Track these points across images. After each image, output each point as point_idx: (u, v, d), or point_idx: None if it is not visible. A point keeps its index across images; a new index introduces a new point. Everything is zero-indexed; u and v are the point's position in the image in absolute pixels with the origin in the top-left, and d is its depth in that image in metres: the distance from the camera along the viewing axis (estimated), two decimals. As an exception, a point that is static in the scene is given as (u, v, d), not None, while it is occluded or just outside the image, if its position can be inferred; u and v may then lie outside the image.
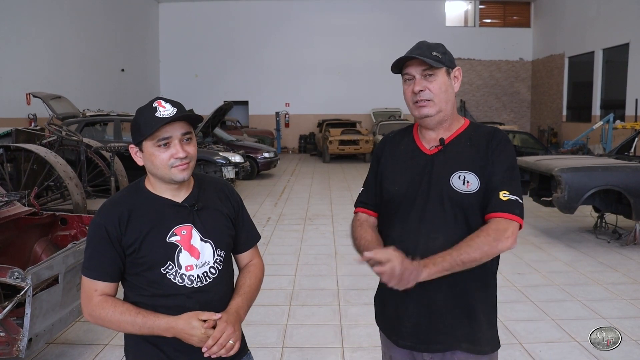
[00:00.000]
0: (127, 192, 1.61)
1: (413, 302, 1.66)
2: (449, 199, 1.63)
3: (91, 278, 1.53)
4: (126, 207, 1.55)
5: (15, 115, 11.40)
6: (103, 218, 1.54)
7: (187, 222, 1.57)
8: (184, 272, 1.54)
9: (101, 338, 3.79)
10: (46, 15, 13.28)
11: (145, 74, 20.34)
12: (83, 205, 5.51)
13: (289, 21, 21.38)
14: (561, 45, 18.52)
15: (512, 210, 1.59)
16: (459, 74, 1.74)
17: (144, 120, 1.50)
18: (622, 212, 6.29)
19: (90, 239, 1.55)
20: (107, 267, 1.53)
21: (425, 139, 1.74)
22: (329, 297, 4.58)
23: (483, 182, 1.62)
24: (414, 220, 1.66)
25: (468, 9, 21.97)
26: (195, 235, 1.57)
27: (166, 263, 1.53)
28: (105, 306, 1.50)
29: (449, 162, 1.66)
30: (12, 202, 3.67)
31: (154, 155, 1.51)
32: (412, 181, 1.69)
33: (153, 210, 1.56)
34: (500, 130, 1.75)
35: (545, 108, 20.10)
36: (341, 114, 20.72)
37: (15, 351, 2.66)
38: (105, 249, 1.52)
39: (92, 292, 1.52)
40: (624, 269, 5.40)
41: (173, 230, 1.55)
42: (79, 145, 6.88)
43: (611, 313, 4.23)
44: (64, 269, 2.93)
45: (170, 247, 1.53)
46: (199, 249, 1.57)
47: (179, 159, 1.51)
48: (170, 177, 1.53)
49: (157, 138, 1.50)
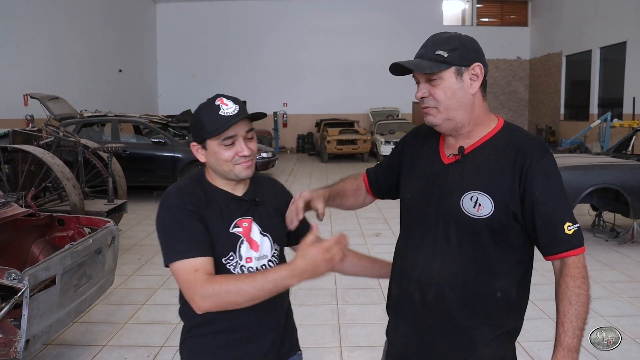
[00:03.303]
0: (191, 181, 1.60)
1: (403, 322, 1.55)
2: (455, 222, 1.43)
3: (187, 258, 1.43)
4: (196, 193, 1.55)
5: (13, 116, 11.37)
6: (179, 200, 1.51)
7: (247, 215, 1.58)
8: (243, 264, 1.54)
9: (99, 339, 3.78)
10: (43, 16, 13.25)
11: (142, 74, 20.31)
12: (80, 206, 5.50)
13: (286, 21, 21.37)
14: (559, 43, 18.55)
15: (581, 243, 1.41)
16: (480, 70, 1.44)
17: (207, 119, 1.50)
18: (619, 210, 6.30)
19: (172, 221, 1.48)
20: (202, 241, 1.46)
21: (447, 144, 1.53)
22: (327, 296, 4.57)
23: (502, 208, 1.39)
24: (418, 235, 1.52)
25: (465, 8, 21.98)
26: (255, 229, 1.58)
27: (228, 254, 1.53)
28: (215, 280, 1.41)
29: (464, 176, 1.44)
30: (10, 204, 3.66)
31: (219, 153, 1.52)
32: (423, 191, 1.52)
33: (216, 201, 1.56)
34: (537, 141, 1.47)
35: (543, 107, 20.12)
36: (339, 114, 20.71)
37: (12, 352, 2.65)
38: (194, 224, 1.47)
39: (193, 273, 1.41)
40: (621, 267, 5.41)
41: (235, 222, 1.56)
42: (76, 146, 6.86)
43: (609, 311, 4.23)
44: (61, 270, 2.93)
45: (233, 238, 1.54)
46: (258, 242, 1.57)
47: (244, 157, 1.53)
48: (235, 174, 1.55)
49: (223, 137, 1.51)
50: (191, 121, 1.60)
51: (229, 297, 1.38)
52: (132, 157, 9.32)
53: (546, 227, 1.38)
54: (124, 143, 8.68)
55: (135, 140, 10.43)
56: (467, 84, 1.43)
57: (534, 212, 1.38)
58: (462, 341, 1.46)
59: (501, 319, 1.47)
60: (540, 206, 1.37)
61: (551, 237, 1.39)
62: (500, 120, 1.52)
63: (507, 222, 1.40)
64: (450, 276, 1.45)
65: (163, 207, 1.52)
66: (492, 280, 1.44)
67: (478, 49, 1.48)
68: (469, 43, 1.46)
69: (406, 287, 1.53)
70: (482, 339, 1.45)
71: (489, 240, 1.41)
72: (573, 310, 1.39)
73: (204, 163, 1.61)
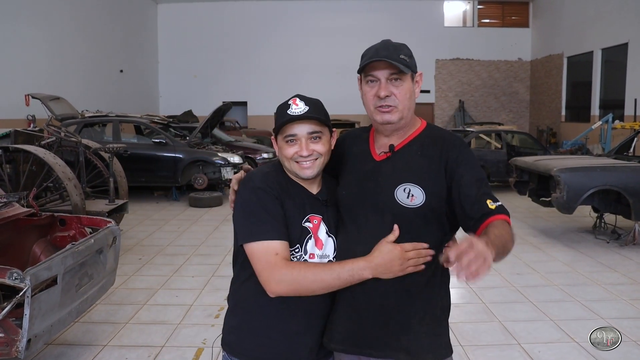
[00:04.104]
0: (275, 169, 1.66)
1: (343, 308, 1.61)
2: (390, 212, 1.55)
3: (269, 240, 1.48)
4: (278, 181, 1.61)
5: (14, 116, 11.37)
6: (264, 182, 1.57)
7: (319, 213, 1.63)
8: (306, 259, 1.58)
9: (100, 339, 3.79)
10: (45, 16, 13.27)
11: (144, 74, 20.32)
12: (82, 206, 5.51)
13: (287, 22, 21.38)
14: (560, 45, 18.53)
15: (507, 213, 1.52)
16: (420, 78, 1.66)
17: (279, 115, 1.60)
18: (621, 212, 6.30)
19: (256, 202, 1.53)
20: (282, 225, 1.53)
21: (378, 144, 1.69)
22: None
23: (429, 196, 1.53)
24: (354, 229, 1.61)
25: (466, 9, 21.96)
26: (323, 228, 1.62)
27: (295, 245, 1.57)
28: (293, 265, 1.48)
29: (395, 171, 1.59)
30: (11, 203, 3.67)
31: (282, 148, 1.60)
32: (359, 187, 1.63)
33: (294, 193, 1.61)
34: (457, 137, 1.67)
35: (544, 108, 20.11)
36: (340, 114, 20.66)
37: (14, 352, 2.65)
38: (277, 209, 1.53)
39: (274, 256, 1.47)
40: (623, 269, 5.41)
41: (308, 217, 1.60)
42: (77, 146, 6.87)
43: (610, 313, 4.23)
44: (62, 270, 2.93)
45: (304, 231, 1.59)
46: (323, 241, 1.61)
47: (302, 157, 1.57)
48: (295, 171, 1.60)
49: (285, 134, 1.59)
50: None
51: (306, 283, 1.46)
52: (133, 157, 9.34)
53: (471, 205, 1.52)
54: (125, 143, 8.71)
55: (136, 141, 10.44)
56: (415, 88, 1.63)
57: (460, 196, 1.53)
58: (399, 321, 1.56)
59: (434, 297, 1.60)
60: (464, 189, 1.53)
61: (478, 213, 1.51)
62: (423, 121, 1.72)
63: (438, 208, 1.56)
64: None
65: (246, 187, 1.58)
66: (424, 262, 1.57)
67: None
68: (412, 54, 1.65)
69: None
70: (418, 317, 1.57)
71: (421, 225, 1.55)
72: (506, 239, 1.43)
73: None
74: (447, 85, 21.65)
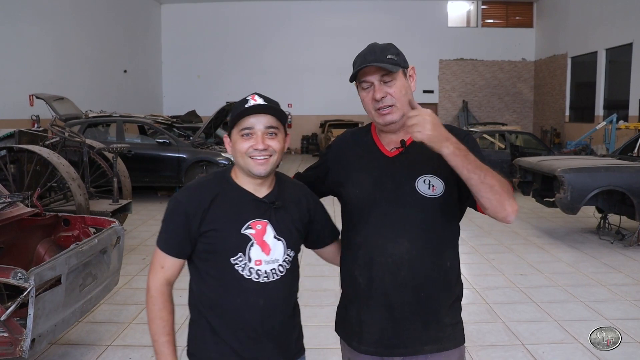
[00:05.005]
0: (213, 178, 1.65)
1: (377, 308, 1.64)
2: (412, 204, 1.60)
3: (162, 250, 1.59)
4: (210, 192, 1.59)
5: (18, 116, 11.42)
6: (185, 197, 1.59)
7: (263, 217, 1.59)
8: (252, 266, 1.56)
9: (104, 338, 3.79)
10: (49, 16, 13.32)
11: (147, 75, 20.38)
12: (86, 206, 5.52)
13: (291, 22, 21.39)
14: (564, 45, 18.48)
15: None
16: (414, 72, 1.68)
17: (235, 110, 1.58)
18: (625, 212, 6.28)
19: (168, 213, 1.60)
20: (178, 244, 1.58)
21: (385, 141, 1.70)
22: (331, 297, 4.57)
23: (449, 185, 1.59)
24: (377, 224, 1.64)
25: (470, 10, 21.94)
26: (269, 232, 1.59)
27: (237, 254, 1.55)
28: (160, 299, 1.58)
29: (413, 164, 1.63)
30: (15, 203, 3.68)
31: (237, 143, 1.57)
32: (374, 184, 1.65)
33: (234, 199, 1.59)
34: (459, 128, 1.72)
35: (548, 108, 20.06)
36: (343, 115, 20.70)
37: (18, 351, 2.66)
38: (181, 226, 1.56)
39: (159, 268, 1.59)
40: (627, 270, 5.39)
41: (249, 223, 1.57)
42: (81, 146, 6.88)
43: (614, 314, 4.22)
44: (66, 270, 2.94)
45: (243, 239, 1.56)
46: (270, 246, 1.59)
47: (257, 151, 1.54)
48: (248, 168, 1.57)
49: (241, 127, 1.56)
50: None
51: (147, 312, 1.59)
52: (137, 157, 9.36)
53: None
54: (128, 143, 8.70)
55: (140, 141, 10.46)
56: (410, 82, 1.66)
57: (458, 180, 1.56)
58: (430, 311, 1.63)
59: (452, 285, 1.68)
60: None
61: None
62: None
63: (456, 196, 1.62)
64: (417, 253, 1.61)
65: (176, 194, 1.64)
66: (445, 251, 1.65)
67: None
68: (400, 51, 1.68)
69: (377, 273, 1.64)
70: (444, 306, 1.65)
71: (441, 215, 1.62)
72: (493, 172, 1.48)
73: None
74: (451, 86, 21.62)
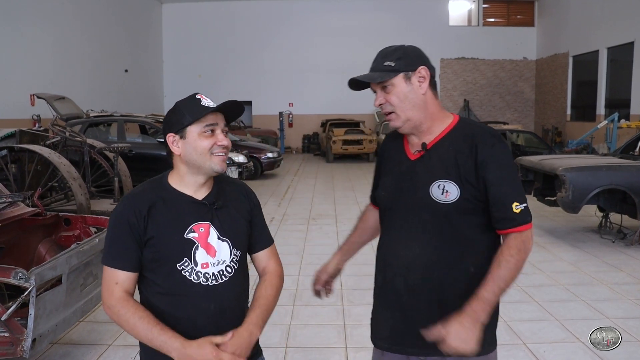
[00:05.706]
0: (149, 186, 1.63)
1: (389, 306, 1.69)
2: (427, 210, 1.61)
3: (112, 267, 1.53)
4: (148, 199, 1.56)
5: (19, 116, 11.44)
6: (125, 208, 1.55)
7: (205, 219, 1.58)
8: (199, 270, 1.54)
9: (105, 338, 3.79)
10: (50, 16, 13.33)
11: (148, 74, 20.38)
12: (87, 206, 5.53)
13: (292, 21, 21.38)
14: (565, 44, 18.45)
15: (526, 220, 1.57)
16: (426, 72, 1.62)
17: (189, 109, 1.54)
18: (626, 211, 6.26)
19: (111, 228, 1.56)
20: (128, 256, 1.53)
21: (411, 143, 1.71)
22: (332, 297, 4.57)
23: (464, 191, 1.57)
24: (396, 227, 1.68)
25: (471, 8, 21.90)
26: (213, 234, 1.58)
27: (182, 259, 1.54)
28: (126, 305, 1.50)
29: (430, 169, 1.62)
30: (16, 203, 3.68)
31: (198, 141, 1.54)
32: (396, 187, 1.69)
33: (173, 205, 1.57)
34: (489, 131, 1.65)
35: (549, 107, 20.03)
36: (345, 114, 20.69)
37: (19, 351, 2.66)
38: (126, 238, 1.53)
39: (113, 285, 1.52)
40: (628, 268, 5.38)
41: (191, 227, 1.56)
42: (82, 146, 6.89)
43: (616, 313, 4.21)
44: (67, 270, 2.94)
45: (187, 244, 1.54)
46: (215, 247, 1.57)
47: (221, 147, 1.55)
48: (211, 166, 1.56)
49: (205, 124, 1.54)
50: (167, 115, 1.61)
51: (124, 326, 1.50)
52: (138, 157, 9.36)
53: (497, 206, 1.57)
54: (129, 143, 8.71)
55: (141, 140, 10.47)
56: (416, 85, 1.61)
57: (487, 194, 1.57)
58: (445, 316, 1.57)
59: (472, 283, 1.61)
60: (491, 188, 1.56)
61: (501, 215, 1.57)
62: (456, 116, 1.71)
63: (472, 203, 1.59)
64: (430, 259, 1.61)
65: (116, 207, 1.59)
66: (466, 257, 1.62)
67: (421, 55, 1.66)
68: (412, 51, 1.65)
69: (390, 275, 1.69)
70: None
71: (458, 222, 1.60)
72: (499, 272, 1.53)
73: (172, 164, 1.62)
74: (452, 85, 21.60)
